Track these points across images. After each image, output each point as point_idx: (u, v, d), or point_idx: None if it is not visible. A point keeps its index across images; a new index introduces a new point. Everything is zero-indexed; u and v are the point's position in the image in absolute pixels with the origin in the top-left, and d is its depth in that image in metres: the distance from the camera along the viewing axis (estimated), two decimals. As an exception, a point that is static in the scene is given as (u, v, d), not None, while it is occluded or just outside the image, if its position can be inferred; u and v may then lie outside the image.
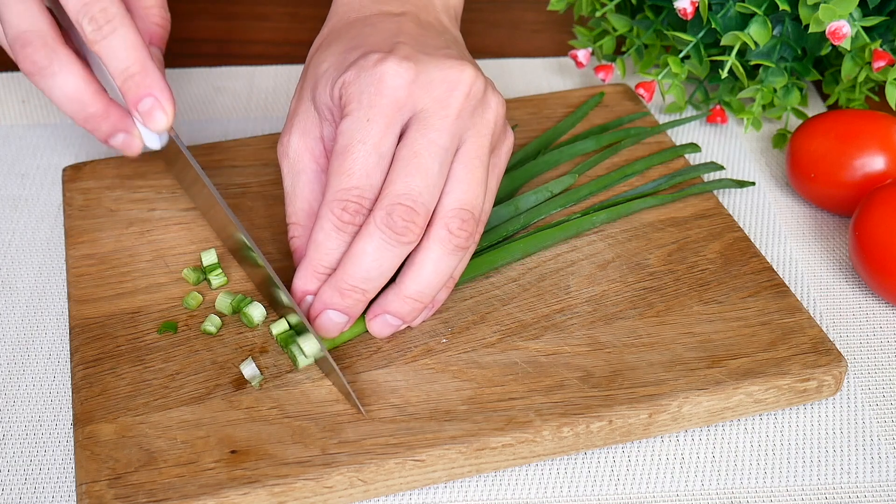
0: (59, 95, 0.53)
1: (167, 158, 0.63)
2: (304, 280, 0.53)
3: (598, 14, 0.75)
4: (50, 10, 0.53)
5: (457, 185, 0.52)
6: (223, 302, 0.56)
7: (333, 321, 0.52)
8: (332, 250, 0.52)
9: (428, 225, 0.51)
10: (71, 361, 0.54)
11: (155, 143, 0.56)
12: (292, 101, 0.57)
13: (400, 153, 0.51)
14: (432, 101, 0.52)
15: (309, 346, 0.52)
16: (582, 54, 0.76)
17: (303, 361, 0.53)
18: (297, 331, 0.53)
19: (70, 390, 0.55)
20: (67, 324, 0.59)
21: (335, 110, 0.53)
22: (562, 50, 0.84)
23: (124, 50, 0.52)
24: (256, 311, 0.55)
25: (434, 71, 0.52)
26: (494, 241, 0.60)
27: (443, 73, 0.52)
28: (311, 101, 0.55)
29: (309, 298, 0.53)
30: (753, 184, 0.67)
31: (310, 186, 0.55)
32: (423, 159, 0.50)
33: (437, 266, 0.52)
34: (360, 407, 0.50)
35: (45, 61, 0.52)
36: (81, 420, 0.50)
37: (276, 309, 0.56)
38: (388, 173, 0.51)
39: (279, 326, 0.54)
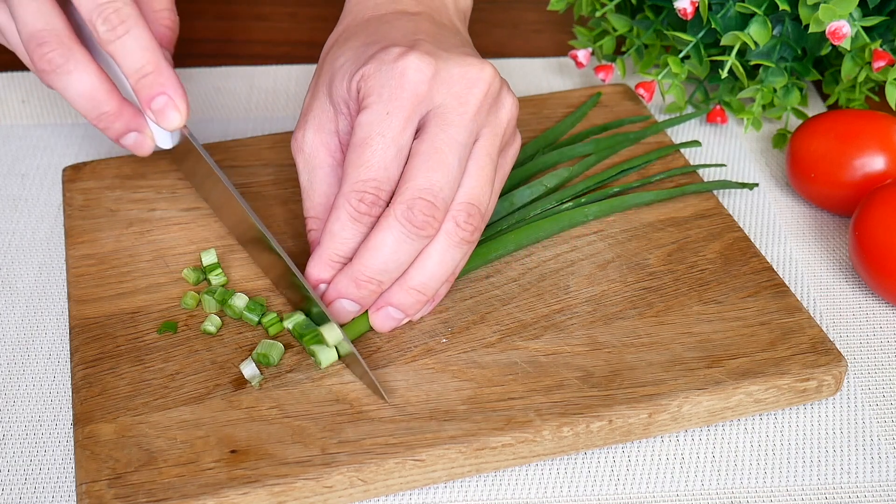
0: (73, 94, 0.53)
1: (175, 156, 0.63)
2: (319, 269, 0.53)
3: (598, 14, 0.75)
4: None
5: (466, 179, 0.52)
6: (209, 301, 0.56)
7: (346, 310, 0.53)
8: (346, 240, 0.52)
9: None
10: (71, 361, 0.54)
11: (167, 143, 0.57)
12: (306, 98, 0.57)
13: (419, 147, 0.51)
14: (451, 97, 0.52)
15: (332, 335, 0.52)
16: (582, 54, 0.76)
17: (325, 361, 0.52)
18: (317, 322, 0.53)
19: (70, 390, 0.55)
20: (67, 324, 0.59)
21: (352, 103, 0.54)
22: (562, 50, 0.84)
23: (138, 50, 0.52)
24: (240, 301, 0.55)
25: (454, 68, 0.53)
26: (488, 236, 0.60)
27: (462, 70, 0.53)
28: (327, 96, 0.55)
29: (322, 287, 0.53)
30: (757, 185, 0.67)
31: (327, 181, 0.55)
32: (443, 155, 0.51)
33: (443, 258, 0.52)
34: (384, 392, 0.51)
35: (60, 59, 0.52)
36: (81, 420, 0.50)
37: (293, 303, 0.56)
38: (406, 167, 0.52)
39: (294, 319, 0.54)
